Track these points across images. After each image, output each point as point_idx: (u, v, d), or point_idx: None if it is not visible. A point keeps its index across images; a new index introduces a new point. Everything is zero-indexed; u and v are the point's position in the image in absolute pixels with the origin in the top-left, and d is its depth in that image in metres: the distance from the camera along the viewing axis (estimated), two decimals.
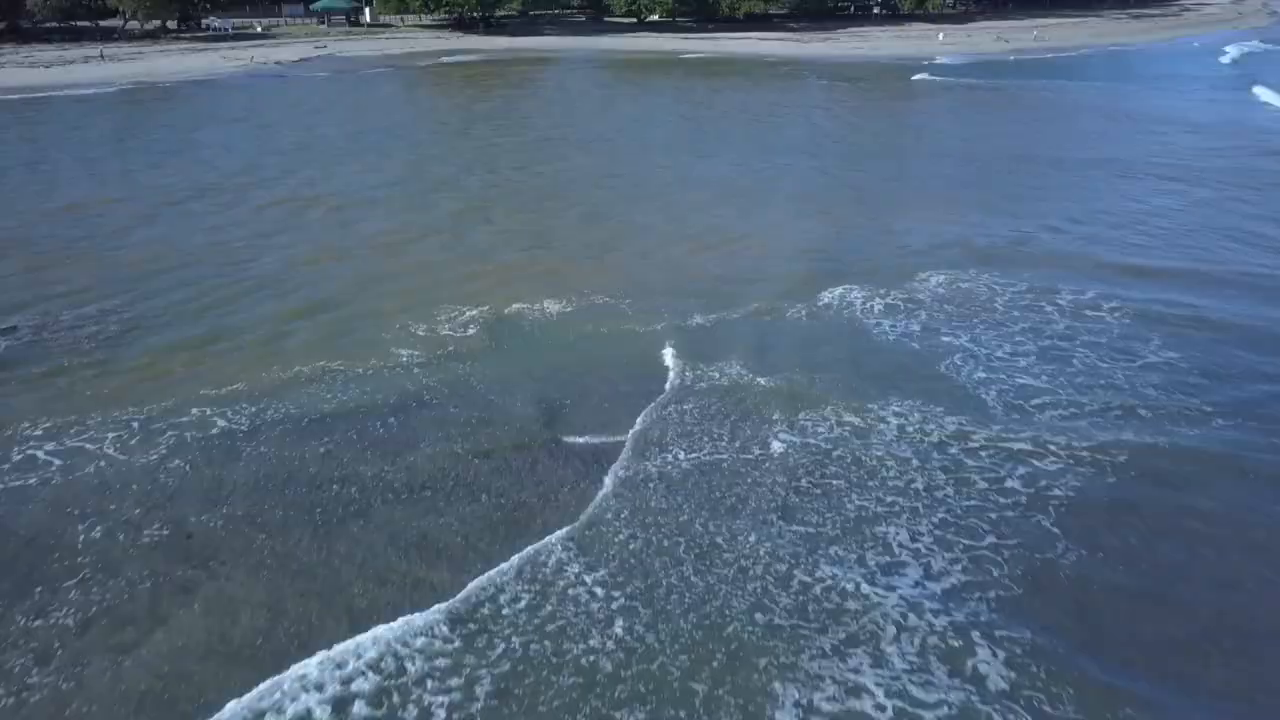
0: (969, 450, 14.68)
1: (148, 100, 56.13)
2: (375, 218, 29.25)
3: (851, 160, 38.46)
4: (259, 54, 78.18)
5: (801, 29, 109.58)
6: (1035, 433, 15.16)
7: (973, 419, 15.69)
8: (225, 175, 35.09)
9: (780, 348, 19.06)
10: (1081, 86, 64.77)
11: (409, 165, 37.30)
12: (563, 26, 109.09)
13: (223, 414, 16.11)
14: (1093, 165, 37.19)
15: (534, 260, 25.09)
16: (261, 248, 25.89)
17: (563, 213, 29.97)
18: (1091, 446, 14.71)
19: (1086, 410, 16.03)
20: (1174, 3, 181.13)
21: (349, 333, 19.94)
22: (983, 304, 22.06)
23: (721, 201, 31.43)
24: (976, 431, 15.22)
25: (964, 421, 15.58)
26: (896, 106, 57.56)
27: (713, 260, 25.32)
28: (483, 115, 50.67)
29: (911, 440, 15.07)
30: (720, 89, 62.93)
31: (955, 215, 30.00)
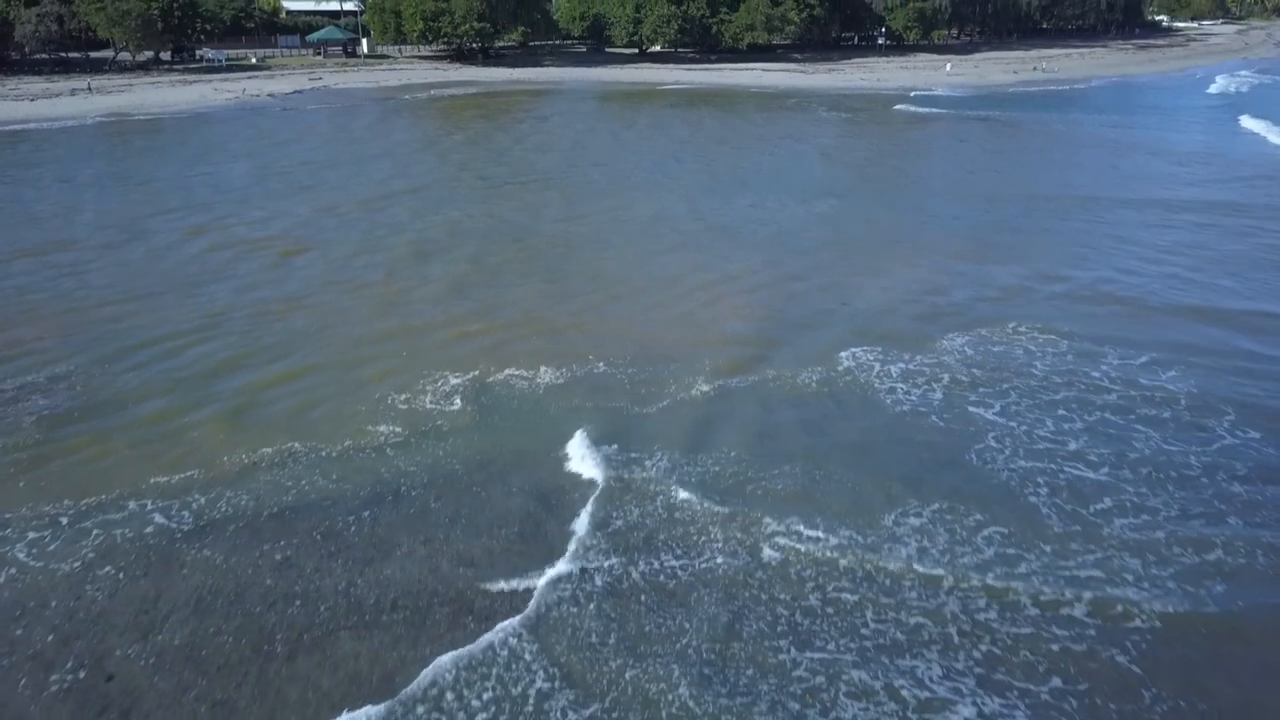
0: (1018, 575, 12.35)
1: (127, 134, 54.39)
2: (352, 264, 27.29)
3: (861, 199, 36.54)
4: (252, 86, 76.64)
5: (805, 60, 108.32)
6: (1104, 553, 12.80)
7: (1018, 533, 13.33)
8: (194, 216, 33.16)
9: (782, 430, 16.88)
10: (1092, 119, 63.05)
11: (400, 206, 35.26)
12: (563, 58, 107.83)
13: (167, 508, 14.10)
14: (1119, 204, 35.32)
15: (527, 316, 23.02)
16: (225, 301, 23.83)
17: (557, 259, 27.98)
18: (1178, 572, 12.42)
19: (1163, 519, 13.71)
20: (1178, 34, 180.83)
21: (320, 403, 17.89)
22: (1017, 368, 20.01)
23: (726, 247, 29.50)
24: (1025, 554, 12.78)
25: (1007, 537, 13.20)
26: (905, 141, 55.73)
27: (718, 316, 23.33)
28: (473, 152, 48.81)
29: (938, 559, 12.70)
30: (724, 122, 61.21)
31: (977, 260, 28.11)
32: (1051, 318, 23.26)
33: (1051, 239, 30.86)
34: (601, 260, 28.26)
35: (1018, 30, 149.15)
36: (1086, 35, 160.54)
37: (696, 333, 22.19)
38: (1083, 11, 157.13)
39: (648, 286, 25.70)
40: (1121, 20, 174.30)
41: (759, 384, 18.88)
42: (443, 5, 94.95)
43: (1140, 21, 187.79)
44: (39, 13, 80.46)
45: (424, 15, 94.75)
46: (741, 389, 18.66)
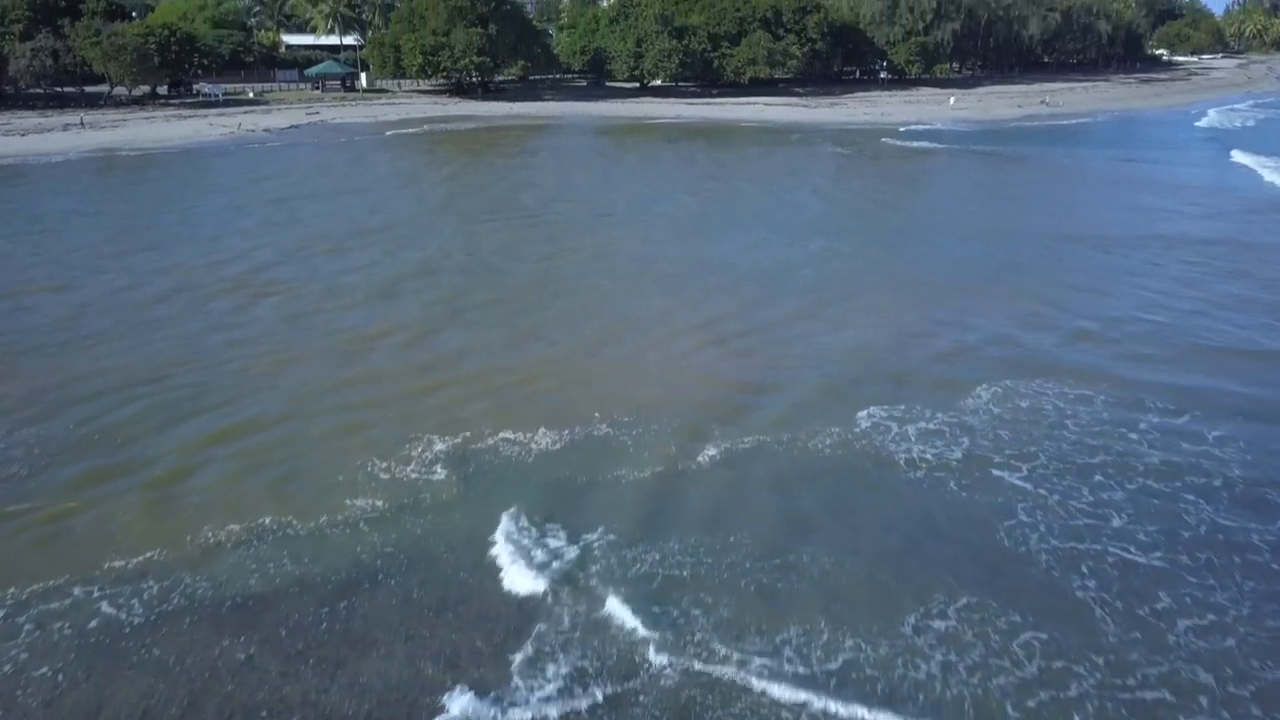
0: (1069, 699, 10.49)
1: (113, 170, 53.14)
2: (322, 308, 25.68)
3: (867, 239, 34.89)
4: (248, 121, 75.58)
5: (807, 94, 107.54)
6: (1170, 666, 10.96)
7: (1064, 639, 11.45)
8: (172, 258, 31.53)
9: (789, 508, 15.14)
10: (1100, 154, 61.73)
11: (377, 244, 33.68)
12: (563, 91, 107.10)
13: (117, 596, 12.51)
14: (1137, 241, 33.80)
15: (519, 368, 21.38)
16: (200, 352, 22.15)
17: (550, 305, 26.34)
18: (1260, 690, 10.58)
19: (1234, 619, 11.92)
20: (1179, 68, 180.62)
21: (292, 470, 16.25)
22: (1048, 429, 18.33)
23: (726, 290, 27.92)
24: (1075, 669, 10.90)
25: (1051, 646, 11.30)
26: (910, 177, 54.34)
27: (720, 365, 21.76)
28: (467, 187, 47.46)
29: (965, 682, 10.79)
30: (725, 158, 59.95)
31: (994, 301, 26.57)
32: (1081, 368, 21.65)
33: (1072, 279, 29.28)
34: (591, 302, 26.69)
35: (1019, 64, 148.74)
36: (1088, 69, 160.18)
37: (694, 384, 20.57)
38: (1084, 46, 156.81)
39: (639, 330, 24.18)
40: (1123, 55, 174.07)
41: (762, 449, 17.20)
42: (442, 40, 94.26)
43: (1141, 56, 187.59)
44: (34, 47, 79.63)
45: (423, 50, 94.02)
46: (745, 455, 16.99)
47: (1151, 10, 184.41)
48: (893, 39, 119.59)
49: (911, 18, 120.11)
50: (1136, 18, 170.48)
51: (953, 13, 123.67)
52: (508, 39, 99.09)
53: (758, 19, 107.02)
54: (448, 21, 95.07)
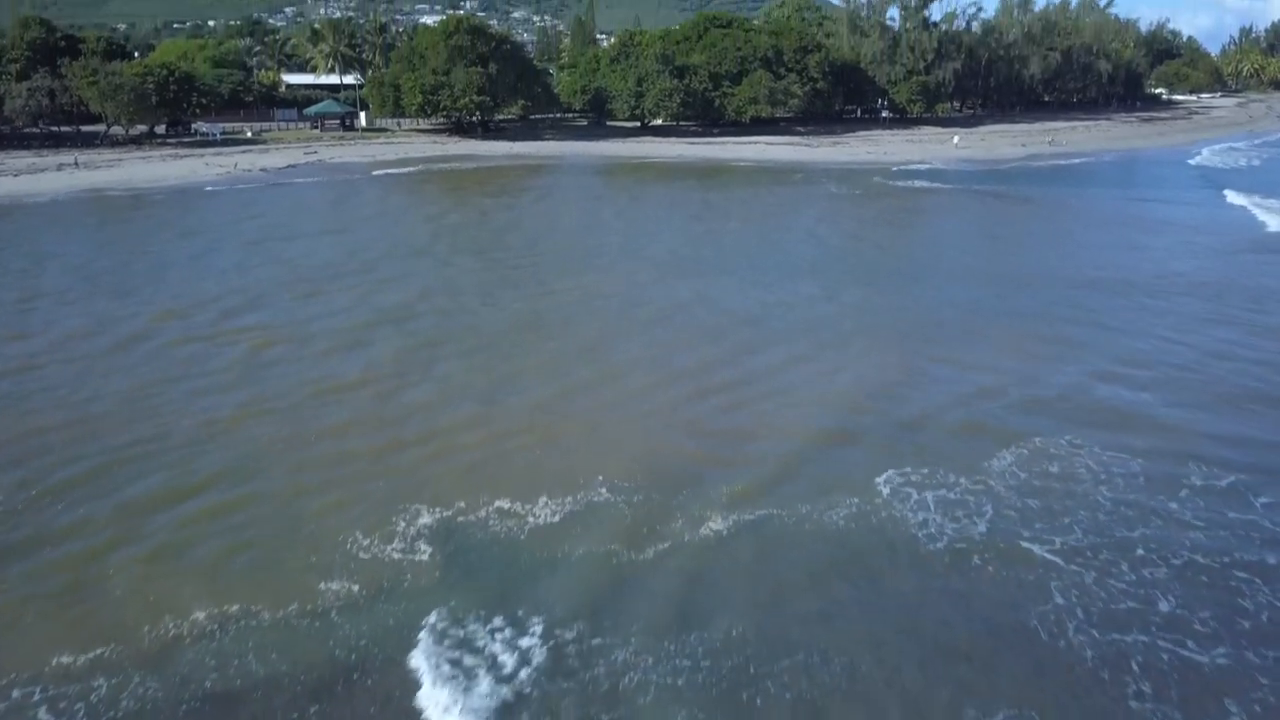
0: None
1: (101, 211, 52.17)
2: (305, 360, 24.37)
3: (873, 282, 33.62)
4: (244, 160, 74.87)
5: (809, 132, 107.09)
6: None
7: None
8: (143, 303, 30.37)
9: (795, 592, 13.81)
10: (1110, 194, 60.70)
11: (358, 287, 32.44)
12: (564, 131, 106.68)
13: (59, 699, 11.13)
14: (1153, 286, 32.45)
15: (497, 423, 20.11)
16: (157, 406, 20.85)
17: (534, 352, 25.11)
18: None
19: None
20: (1179, 106, 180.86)
21: (261, 552, 14.92)
22: (1081, 495, 17.00)
23: (722, 335, 26.78)
24: None
25: None
26: (917, 217, 53.30)
27: (718, 419, 20.54)
28: (457, 228, 46.30)
29: None
30: (727, 197, 58.96)
31: (1014, 352, 25.29)
32: (1109, 421, 20.38)
33: (1089, 325, 28.03)
34: (577, 349, 25.46)
35: (1020, 103, 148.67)
36: (1088, 108, 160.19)
37: (688, 441, 19.33)
38: (1084, 85, 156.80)
39: (627, 379, 22.97)
40: (1123, 93, 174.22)
41: (769, 523, 15.88)
42: (442, 80, 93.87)
43: (1141, 95, 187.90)
44: (30, 87, 79.15)
45: (423, 89, 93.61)
46: (749, 530, 15.67)
47: (1150, 50, 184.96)
48: (894, 78, 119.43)
49: (912, 57, 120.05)
50: (1136, 57, 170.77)
51: (953, 52, 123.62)
52: (508, 78, 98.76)
53: (759, 58, 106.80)
54: (448, 61, 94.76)
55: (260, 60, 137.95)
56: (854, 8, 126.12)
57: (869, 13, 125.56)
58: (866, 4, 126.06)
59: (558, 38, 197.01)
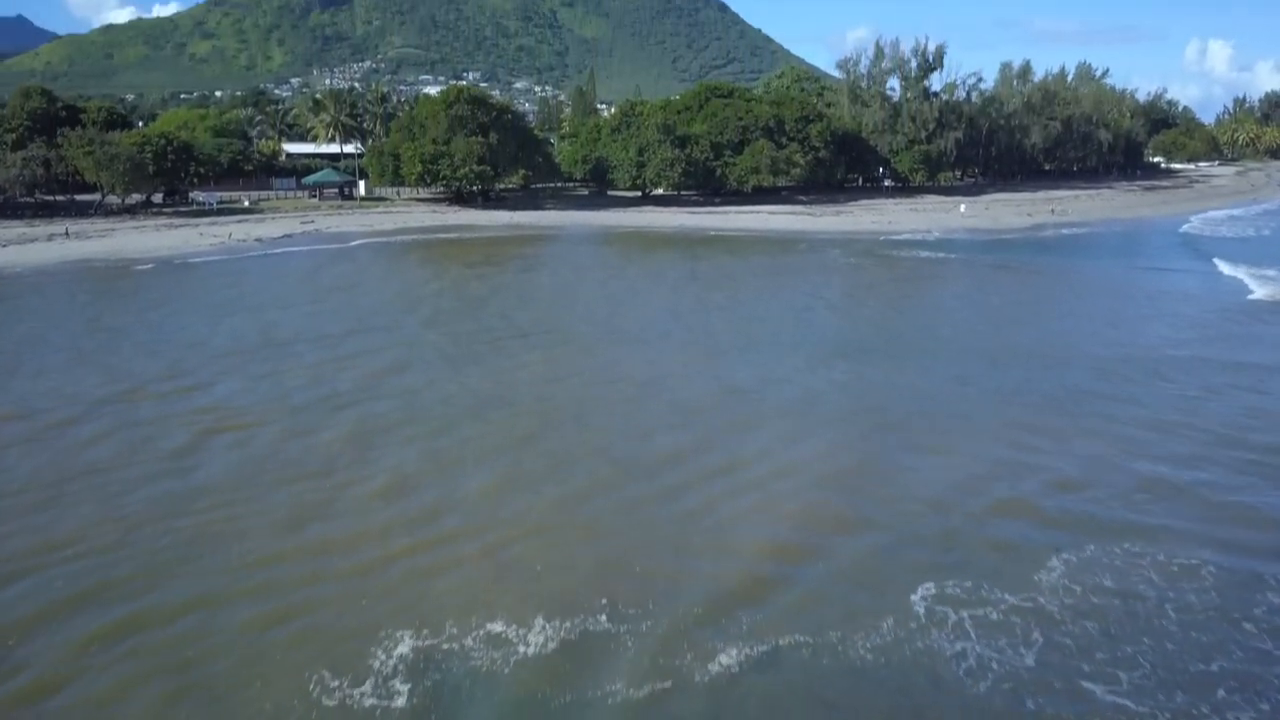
0: None
1: (85, 283, 50.53)
2: (289, 456, 22.21)
3: (891, 363, 31.58)
4: (240, 230, 73.63)
5: (811, 201, 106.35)
6: None
7: None
8: (114, 386, 28.40)
9: None
10: (1124, 265, 59.13)
11: (352, 370, 30.42)
12: (565, 200, 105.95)
13: None
14: (1192, 367, 30.37)
15: (499, 529, 18.04)
16: (112, 513, 18.72)
17: (539, 443, 23.02)
18: None
19: None
20: (1179, 175, 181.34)
21: (208, 696, 12.67)
22: (1146, 619, 15.00)
23: (738, 424, 24.76)
24: None
25: None
26: (928, 291, 51.59)
27: (736, 525, 18.50)
28: (456, 302, 44.51)
29: None
30: (731, 270, 57.37)
31: (1042, 442, 23.27)
32: (1165, 527, 18.33)
33: (1128, 410, 26.04)
34: (586, 440, 23.44)
35: (1021, 171, 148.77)
36: (1089, 176, 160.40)
37: (705, 551, 17.34)
38: (1084, 154, 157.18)
39: (640, 477, 20.88)
40: (1123, 162, 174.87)
41: (791, 655, 13.81)
42: (442, 149, 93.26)
43: (1141, 163, 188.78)
44: (25, 156, 78.33)
45: (423, 158, 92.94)
46: (768, 662, 13.65)
47: (1148, 119, 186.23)
48: (896, 147, 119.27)
49: (914, 126, 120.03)
50: (1135, 126, 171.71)
51: (954, 122, 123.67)
52: (509, 148, 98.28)
53: (760, 128, 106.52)
54: (448, 130, 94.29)
55: (262, 130, 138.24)
56: (854, 79, 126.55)
57: (869, 83, 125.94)
58: (867, 75, 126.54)
59: (559, 108, 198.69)
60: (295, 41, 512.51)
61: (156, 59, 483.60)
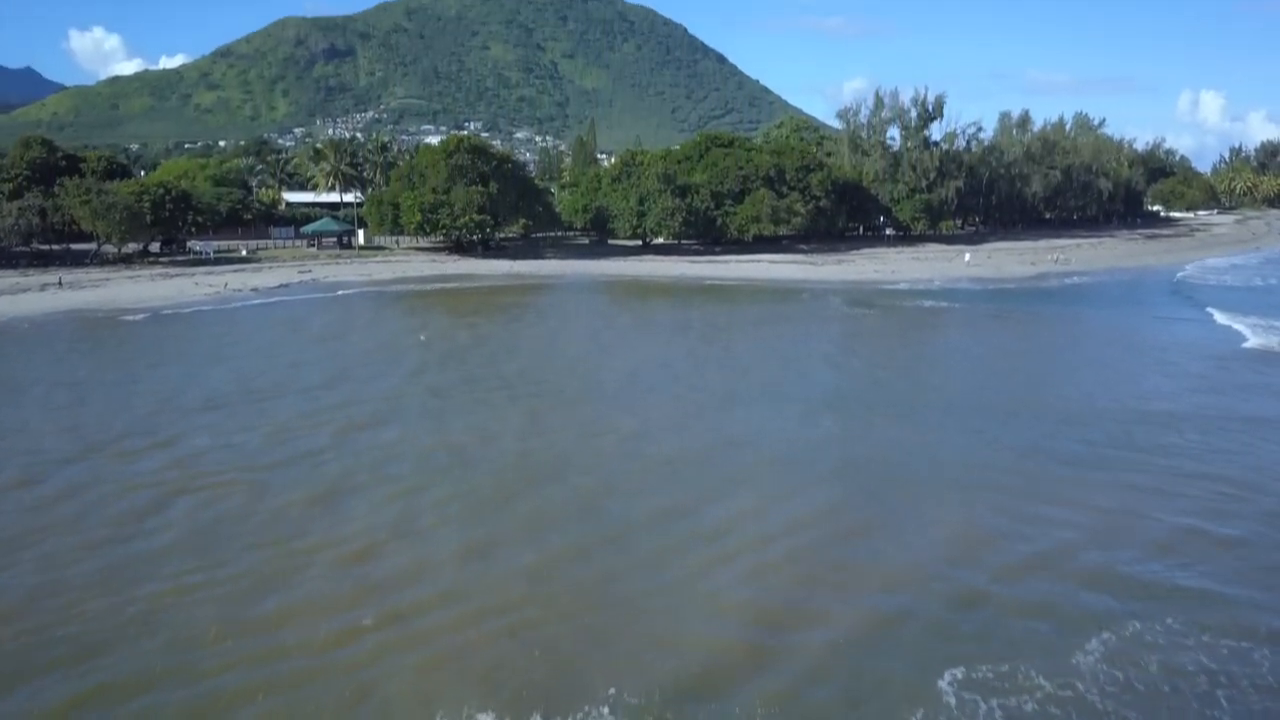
0: None
1: (77, 334, 49.48)
2: (259, 517, 20.85)
3: (899, 417, 30.33)
4: (236, 280, 72.81)
5: (812, 250, 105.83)
6: None
7: None
8: (72, 436, 27.38)
9: None
10: (1134, 315, 58.07)
11: (332, 425, 29.17)
12: (565, 249, 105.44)
13: None
14: (1217, 423, 29.12)
15: (476, 601, 16.77)
16: (68, 580, 17.38)
17: (522, 505, 21.79)
18: None
19: None
20: (1179, 224, 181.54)
21: None
22: (1200, 708, 13.58)
23: (738, 483, 23.58)
24: None
25: None
26: (936, 342, 50.53)
27: (735, 594, 17.35)
28: (447, 354, 43.28)
29: None
30: (733, 319, 56.42)
31: (1062, 502, 22.13)
32: (1208, 595, 17.17)
33: (1153, 465, 24.88)
34: (572, 502, 22.21)
35: (1022, 220, 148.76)
36: (1089, 225, 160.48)
37: (701, 624, 16.23)
38: (1085, 203, 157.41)
39: (628, 543, 19.68)
40: (1123, 211, 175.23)
41: None
42: (442, 198, 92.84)
43: (1141, 212, 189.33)
44: (20, 206, 77.81)
45: (422, 208, 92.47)
46: None
47: (1146, 168, 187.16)
48: (897, 196, 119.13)
49: (914, 175, 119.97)
50: (1134, 175, 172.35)
51: (955, 171, 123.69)
52: (509, 197, 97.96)
53: (760, 177, 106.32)
54: (448, 180, 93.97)
55: (262, 179, 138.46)
56: (854, 128, 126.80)
57: (869, 133, 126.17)
58: (867, 124, 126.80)
59: (559, 157, 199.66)
60: (299, 92, 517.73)
61: (161, 109, 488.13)
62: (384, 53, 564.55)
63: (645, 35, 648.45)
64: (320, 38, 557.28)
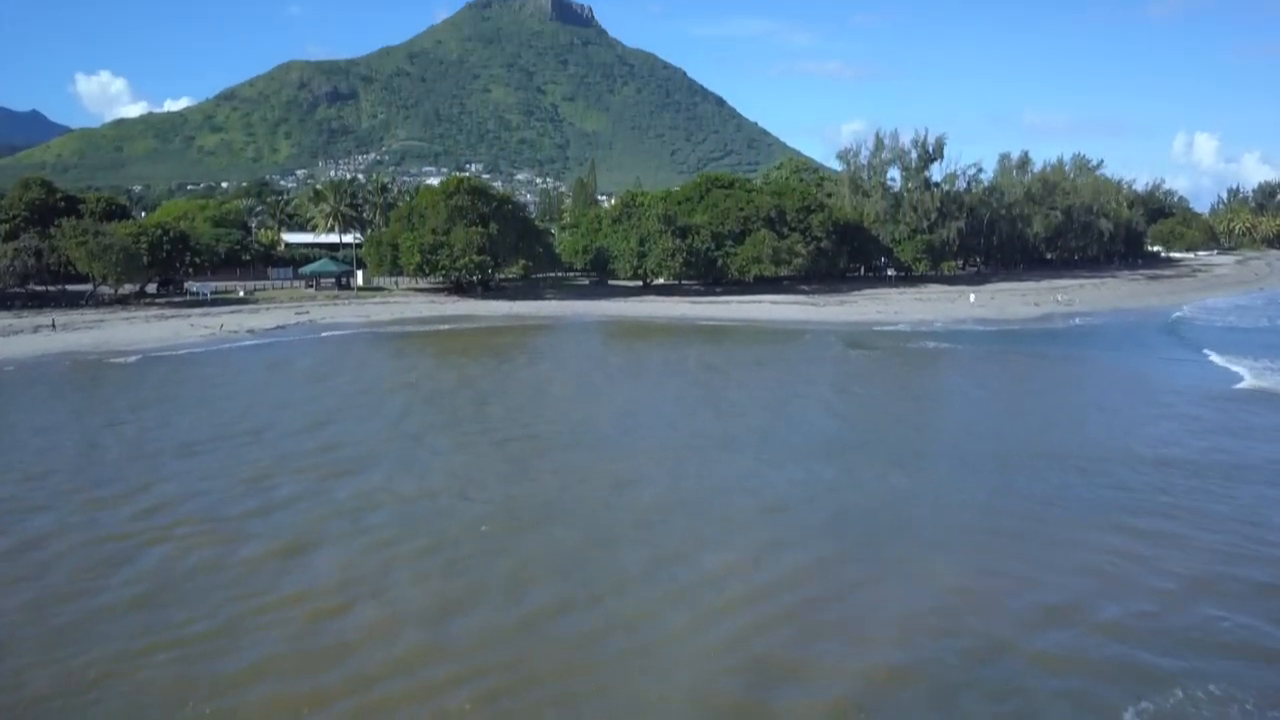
0: None
1: (65, 377, 48.49)
2: (225, 570, 19.67)
3: (907, 465, 29.28)
4: (231, 321, 72.02)
5: (814, 291, 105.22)
6: None
7: None
8: (35, 484, 26.34)
9: None
10: (1147, 358, 57.11)
11: (311, 472, 28.04)
12: (565, 290, 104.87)
13: None
14: (1243, 474, 28.04)
15: (449, 664, 15.76)
16: (13, 644, 16.23)
17: (502, 559, 20.64)
18: None
19: None
20: (1180, 264, 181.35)
21: None
22: None
23: (738, 532, 22.49)
24: None
25: None
26: (945, 384, 49.51)
27: (736, 651, 16.00)
28: (438, 397, 42.29)
29: None
30: (734, 361, 55.41)
31: (1088, 558, 20.79)
32: (1258, 655, 15.97)
33: (1183, 519, 23.63)
34: (556, 554, 21.13)
35: (1023, 261, 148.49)
36: (1091, 265, 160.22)
37: (691, 692, 14.87)
38: (1086, 243, 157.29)
39: (614, 600, 18.61)
40: (1124, 251, 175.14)
41: None
42: (441, 239, 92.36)
43: (1142, 253, 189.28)
44: (15, 247, 77.24)
45: (421, 248, 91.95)
46: None
47: (1147, 209, 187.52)
48: (898, 237, 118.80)
49: (915, 216, 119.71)
50: (1135, 216, 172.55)
51: (956, 211, 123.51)
52: (509, 238, 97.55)
53: (761, 218, 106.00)
54: (448, 220, 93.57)
55: (262, 220, 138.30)
56: (855, 169, 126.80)
57: (870, 174, 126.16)
58: (867, 165, 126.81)
59: (560, 198, 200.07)
60: (302, 134, 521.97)
61: (165, 151, 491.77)
62: (386, 95, 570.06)
63: (645, 79, 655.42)
64: (323, 81, 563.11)
